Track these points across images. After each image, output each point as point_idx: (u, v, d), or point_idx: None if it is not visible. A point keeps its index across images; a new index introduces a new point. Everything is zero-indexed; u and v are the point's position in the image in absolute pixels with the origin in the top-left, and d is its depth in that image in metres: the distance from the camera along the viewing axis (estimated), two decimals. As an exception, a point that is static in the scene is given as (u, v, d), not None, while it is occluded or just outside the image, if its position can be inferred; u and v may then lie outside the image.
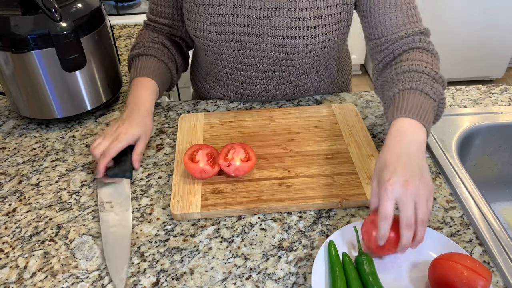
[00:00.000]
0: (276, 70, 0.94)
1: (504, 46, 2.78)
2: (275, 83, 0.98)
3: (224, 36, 0.88)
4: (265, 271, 0.66)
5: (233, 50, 0.91)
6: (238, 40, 0.88)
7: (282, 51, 0.88)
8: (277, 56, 0.89)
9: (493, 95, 1.06)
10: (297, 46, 0.86)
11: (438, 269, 0.60)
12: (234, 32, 0.87)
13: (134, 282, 0.65)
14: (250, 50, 0.90)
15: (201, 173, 0.78)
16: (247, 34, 0.87)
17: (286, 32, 0.85)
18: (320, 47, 0.88)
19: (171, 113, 1.01)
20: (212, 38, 0.89)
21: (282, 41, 0.86)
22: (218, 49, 0.92)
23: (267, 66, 0.93)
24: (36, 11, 0.84)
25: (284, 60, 0.90)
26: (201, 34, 0.90)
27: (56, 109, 0.94)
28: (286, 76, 0.96)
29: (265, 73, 0.95)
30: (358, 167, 0.81)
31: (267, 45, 0.88)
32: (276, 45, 0.87)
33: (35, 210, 0.77)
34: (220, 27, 0.87)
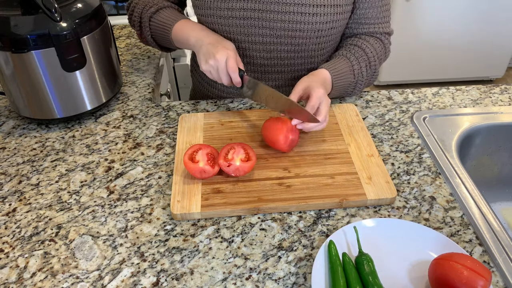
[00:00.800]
0: (282, 50, 0.96)
1: (504, 46, 2.78)
2: (279, 65, 0.99)
3: (235, 13, 0.90)
4: (265, 271, 0.66)
5: (241, 28, 0.92)
6: (248, 16, 0.90)
7: (290, 28, 0.90)
8: (285, 33, 0.92)
9: (493, 95, 1.06)
10: (306, 23, 0.89)
11: (438, 269, 0.60)
12: (245, 8, 0.89)
13: (134, 282, 0.65)
14: (259, 27, 0.92)
15: (201, 173, 0.78)
16: (257, 10, 0.89)
17: (296, 8, 0.88)
18: (327, 27, 0.91)
19: (171, 113, 1.01)
20: (222, 15, 0.91)
21: (292, 17, 0.89)
22: (226, 26, 0.93)
23: (273, 45, 0.95)
24: (36, 11, 0.84)
25: (291, 38, 0.92)
26: (210, 12, 0.91)
27: (56, 109, 0.94)
28: (291, 57, 0.98)
29: (271, 53, 0.97)
30: (358, 167, 0.81)
31: (276, 21, 0.90)
32: (286, 21, 0.89)
33: (35, 210, 0.77)
34: (231, 3, 0.89)
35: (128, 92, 1.10)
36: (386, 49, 1.01)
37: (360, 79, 0.96)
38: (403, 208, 0.76)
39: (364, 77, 0.96)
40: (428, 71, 2.87)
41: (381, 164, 0.82)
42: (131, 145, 0.91)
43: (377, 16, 0.97)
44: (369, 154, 0.84)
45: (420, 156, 0.87)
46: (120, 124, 0.98)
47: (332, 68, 0.91)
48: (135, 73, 1.18)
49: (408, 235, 0.68)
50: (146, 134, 0.94)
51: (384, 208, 0.76)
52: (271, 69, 1.00)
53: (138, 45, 1.32)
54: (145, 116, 1.00)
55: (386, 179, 0.78)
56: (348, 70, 0.93)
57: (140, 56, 1.26)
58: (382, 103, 1.03)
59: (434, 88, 1.09)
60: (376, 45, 0.98)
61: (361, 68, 0.95)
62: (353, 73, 0.94)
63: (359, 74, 0.95)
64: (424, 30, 2.65)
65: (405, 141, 0.91)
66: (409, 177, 0.82)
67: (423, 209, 0.76)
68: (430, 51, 2.76)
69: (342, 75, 0.92)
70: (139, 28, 1.01)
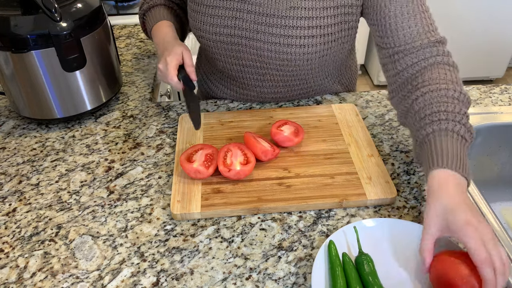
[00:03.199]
0: (274, 74, 0.94)
1: (504, 46, 2.78)
2: (274, 86, 0.98)
3: (222, 38, 0.89)
4: (265, 271, 0.66)
5: (231, 52, 0.91)
6: (236, 42, 0.89)
7: (279, 58, 0.88)
8: (274, 62, 0.90)
9: (493, 95, 1.06)
10: (294, 54, 0.86)
11: (439, 266, 0.60)
12: (232, 34, 0.88)
13: (134, 282, 0.65)
14: (248, 54, 0.90)
15: (195, 173, 0.78)
16: (245, 38, 0.87)
17: (283, 40, 0.84)
18: (317, 56, 0.87)
19: (171, 113, 1.01)
20: (211, 38, 0.90)
21: (279, 48, 0.86)
22: (217, 49, 0.92)
23: (265, 69, 0.93)
24: (36, 11, 0.84)
25: (281, 66, 0.90)
26: (201, 33, 0.91)
27: (56, 109, 0.94)
28: (285, 80, 0.96)
29: (264, 76, 0.95)
30: (358, 167, 0.81)
31: (264, 51, 0.88)
32: (273, 51, 0.87)
33: (35, 210, 0.77)
34: (219, 28, 0.88)
35: (128, 92, 1.10)
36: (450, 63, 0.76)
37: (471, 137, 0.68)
38: (403, 208, 0.76)
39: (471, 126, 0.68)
40: (428, 71, 2.87)
41: (381, 164, 0.82)
42: (131, 145, 0.91)
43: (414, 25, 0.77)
44: (369, 154, 0.84)
45: (420, 156, 0.87)
46: (120, 124, 0.98)
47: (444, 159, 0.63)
48: (135, 73, 1.18)
49: (408, 235, 0.68)
50: (146, 134, 0.94)
51: (384, 208, 0.76)
52: (266, 90, 0.99)
53: (138, 45, 1.32)
54: (145, 116, 1.00)
55: (386, 179, 0.78)
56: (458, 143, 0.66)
57: (140, 56, 1.26)
58: (382, 103, 1.03)
59: (434, 88, 1.09)
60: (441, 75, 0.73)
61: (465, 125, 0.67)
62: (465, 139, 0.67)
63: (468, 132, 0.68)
64: (424, 30, 2.65)
65: (405, 141, 0.91)
66: (409, 177, 0.82)
67: (423, 209, 0.76)
68: (430, 51, 2.75)
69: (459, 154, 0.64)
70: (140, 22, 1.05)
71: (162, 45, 0.92)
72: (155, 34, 0.96)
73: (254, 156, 0.81)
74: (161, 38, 0.93)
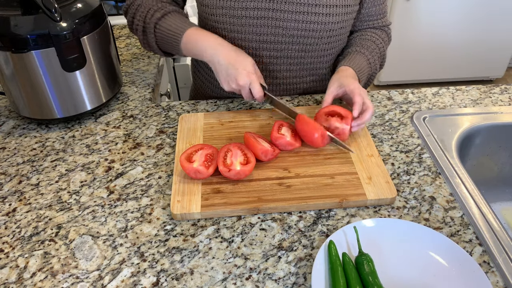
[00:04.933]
0: (292, 49, 0.97)
1: (504, 46, 2.78)
2: (288, 63, 1.00)
3: (249, 12, 0.90)
4: (265, 271, 0.66)
5: (254, 27, 0.93)
6: (262, 16, 0.91)
7: (304, 28, 0.92)
8: (297, 33, 0.93)
9: (493, 95, 1.06)
10: (319, 23, 0.91)
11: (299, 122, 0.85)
12: (259, 7, 0.90)
13: (134, 282, 0.65)
14: (272, 27, 0.92)
15: (195, 173, 0.78)
16: (272, 10, 0.90)
17: (310, 9, 0.89)
18: (338, 27, 0.94)
19: (171, 113, 1.01)
20: (236, 14, 0.91)
21: (305, 17, 0.90)
22: (238, 26, 0.93)
23: (284, 44, 0.96)
24: (36, 11, 0.84)
25: (303, 38, 0.94)
26: (223, 11, 0.91)
27: (56, 109, 0.94)
28: (300, 56, 0.99)
29: (281, 52, 0.97)
30: (358, 167, 0.81)
31: (290, 21, 0.91)
32: (299, 21, 0.90)
33: (35, 210, 0.77)
34: (245, 2, 0.90)
35: (128, 92, 1.10)
36: (389, 37, 1.09)
37: (375, 70, 1.03)
38: (403, 208, 0.76)
39: (377, 67, 1.04)
40: (428, 71, 2.87)
41: (381, 164, 0.82)
42: (131, 145, 0.91)
43: (379, 13, 1.04)
44: (369, 154, 0.84)
45: (420, 156, 0.87)
46: (120, 124, 0.98)
47: (353, 64, 0.95)
48: (135, 73, 1.18)
49: (408, 235, 0.68)
50: (146, 134, 0.94)
51: (384, 208, 0.76)
52: (279, 67, 1.01)
53: (138, 45, 1.32)
54: (145, 116, 1.00)
55: (386, 179, 0.78)
56: (365, 63, 0.98)
57: (140, 56, 1.26)
58: (382, 103, 1.03)
59: (434, 88, 1.09)
60: (383, 36, 1.06)
61: (375, 60, 1.01)
62: (370, 66, 1.00)
63: (374, 65, 1.01)
64: (424, 30, 2.65)
65: (405, 141, 0.91)
66: (409, 177, 0.82)
67: (423, 209, 0.76)
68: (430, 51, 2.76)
69: (363, 69, 0.97)
70: (143, 33, 0.96)
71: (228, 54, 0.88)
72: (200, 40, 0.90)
73: (254, 156, 0.81)
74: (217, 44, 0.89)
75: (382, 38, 1.05)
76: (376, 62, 1.03)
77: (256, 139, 0.83)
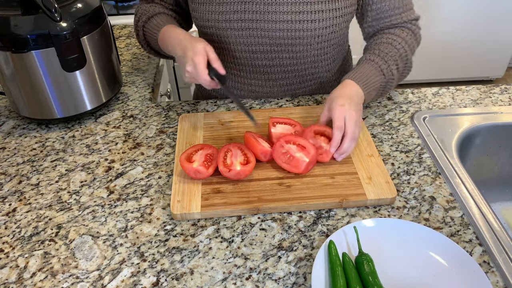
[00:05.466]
0: (284, 57, 0.95)
1: (504, 46, 2.78)
2: (282, 71, 0.99)
3: (233, 24, 0.89)
4: (265, 271, 0.66)
5: (241, 38, 0.92)
6: (247, 27, 0.90)
7: (290, 36, 0.89)
8: (285, 41, 0.91)
9: (493, 95, 1.06)
10: (305, 30, 0.88)
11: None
12: (243, 19, 0.89)
13: (134, 282, 0.65)
14: (259, 37, 0.91)
15: (195, 173, 0.78)
16: (256, 21, 0.88)
17: (295, 16, 0.86)
18: (328, 32, 0.90)
19: (171, 113, 1.01)
20: (221, 27, 0.90)
21: (291, 26, 0.88)
22: (226, 38, 0.93)
23: (275, 53, 0.94)
24: (36, 11, 0.84)
25: (292, 46, 0.92)
26: (209, 24, 0.91)
27: (56, 109, 0.94)
28: (294, 63, 0.97)
29: (273, 60, 0.96)
30: (358, 167, 0.81)
31: (275, 31, 0.89)
32: (285, 30, 0.88)
33: (35, 210, 0.77)
34: (229, 15, 0.88)
35: (128, 92, 1.10)
36: (416, 35, 0.96)
37: (391, 78, 0.91)
38: (403, 208, 0.76)
39: (395, 73, 0.91)
40: (428, 71, 2.87)
41: (381, 164, 0.82)
42: (131, 145, 0.91)
43: (396, 6, 0.92)
44: (369, 154, 0.84)
45: (420, 156, 0.87)
46: (120, 124, 0.98)
47: (356, 75, 0.86)
48: (135, 73, 1.18)
49: (408, 235, 0.68)
50: (146, 134, 0.94)
51: (384, 208, 0.76)
52: (274, 76, 1.00)
53: (138, 45, 1.32)
54: (145, 116, 1.00)
55: (386, 179, 0.78)
56: (375, 72, 0.88)
57: (140, 56, 1.26)
58: (382, 103, 1.03)
59: (434, 88, 1.09)
60: (404, 35, 0.93)
61: (389, 66, 0.89)
62: (382, 73, 0.89)
63: (389, 72, 0.90)
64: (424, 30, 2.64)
65: (405, 141, 0.91)
66: (409, 177, 0.82)
67: (423, 209, 0.76)
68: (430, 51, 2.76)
69: (370, 78, 0.87)
70: (137, 36, 1.02)
71: (180, 45, 0.86)
72: (165, 38, 0.91)
73: (254, 156, 0.81)
74: (176, 39, 0.87)
75: (403, 37, 0.92)
76: (392, 68, 0.90)
77: (256, 139, 0.83)
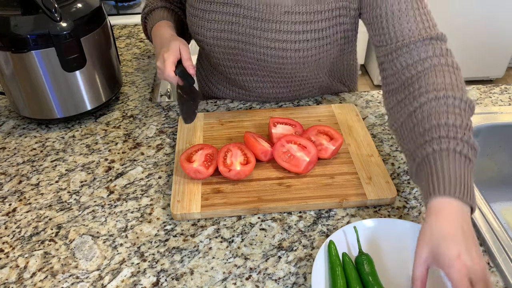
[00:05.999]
0: (274, 76, 0.95)
1: (504, 46, 2.78)
2: (275, 87, 0.99)
3: (220, 42, 0.90)
4: (265, 271, 0.66)
5: (230, 56, 0.92)
6: (234, 47, 0.89)
7: (275, 62, 0.88)
8: (271, 65, 0.90)
9: (493, 95, 1.06)
10: (289, 58, 0.86)
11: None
12: (230, 39, 0.88)
13: (134, 282, 0.65)
14: (246, 57, 0.91)
15: (195, 173, 0.78)
16: (242, 42, 0.88)
17: (279, 45, 0.85)
18: (313, 60, 0.88)
19: (171, 113, 1.01)
20: (209, 42, 0.91)
21: (275, 53, 0.86)
22: (215, 53, 0.93)
23: (264, 71, 0.94)
24: (36, 11, 0.84)
25: (279, 69, 0.91)
26: (199, 37, 0.92)
27: (56, 109, 0.94)
28: (286, 81, 0.97)
29: (264, 77, 0.96)
30: (358, 167, 0.81)
31: (261, 55, 0.88)
32: (269, 55, 0.87)
33: (35, 210, 0.77)
34: (216, 33, 0.88)
35: (128, 92, 1.10)
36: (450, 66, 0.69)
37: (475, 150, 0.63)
38: (403, 208, 0.76)
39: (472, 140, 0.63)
40: (428, 71, 2.87)
41: (381, 164, 0.82)
42: (131, 145, 0.91)
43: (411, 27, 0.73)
44: (369, 154, 0.84)
45: (420, 156, 0.87)
46: (120, 124, 0.98)
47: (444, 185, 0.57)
48: (135, 73, 1.18)
49: (408, 235, 0.68)
50: (146, 134, 0.94)
51: (384, 208, 0.76)
52: (268, 91, 1.00)
53: (138, 45, 1.32)
54: (145, 116, 1.00)
55: (386, 179, 0.78)
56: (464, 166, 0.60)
57: (140, 56, 1.26)
58: (382, 103, 1.03)
59: (434, 88, 1.09)
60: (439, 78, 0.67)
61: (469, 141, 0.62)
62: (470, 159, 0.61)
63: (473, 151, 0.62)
64: (424, 30, 2.65)
65: (405, 141, 0.91)
66: (409, 177, 0.82)
67: (423, 209, 0.75)
68: (430, 51, 2.75)
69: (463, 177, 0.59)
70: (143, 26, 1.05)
71: (160, 43, 0.90)
72: (154, 34, 0.95)
73: (254, 156, 0.81)
74: (159, 37, 0.92)
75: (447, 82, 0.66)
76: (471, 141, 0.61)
77: (256, 139, 0.83)
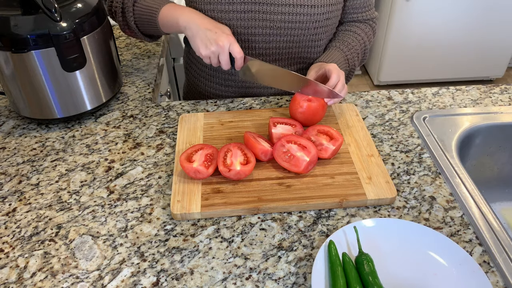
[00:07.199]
0: (280, 41, 0.99)
1: (504, 46, 2.78)
2: (276, 54, 1.02)
3: (236, 6, 0.92)
4: (265, 271, 0.66)
5: (242, 21, 0.94)
6: (249, 9, 0.93)
7: (290, 20, 0.94)
8: (284, 25, 0.95)
9: (493, 95, 1.06)
10: (304, 14, 0.93)
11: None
12: (246, 1, 0.92)
13: (134, 282, 0.65)
14: (259, 20, 0.94)
15: (195, 173, 0.78)
16: (258, 3, 0.92)
17: (296, 1, 0.92)
18: (324, 18, 0.96)
19: (171, 113, 1.01)
20: (223, 9, 0.93)
21: (291, 9, 0.92)
22: (227, 20, 0.94)
23: (272, 36, 0.98)
24: (36, 11, 0.84)
25: (290, 29, 0.96)
26: (210, 7, 0.93)
27: (56, 109, 0.94)
28: (289, 47, 1.00)
29: (269, 43, 0.99)
30: (358, 167, 0.81)
31: (276, 14, 0.93)
32: (285, 13, 0.93)
33: (35, 210, 0.77)
34: None
35: (128, 92, 1.10)
36: (374, 31, 1.11)
37: (353, 67, 1.05)
38: (403, 208, 0.76)
39: (356, 64, 1.06)
40: (428, 71, 2.87)
41: (381, 164, 0.82)
42: (131, 145, 0.91)
43: (363, 5, 1.06)
44: (369, 154, 0.84)
45: (420, 156, 0.87)
46: (120, 124, 0.98)
47: (329, 60, 0.97)
48: (135, 73, 1.18)
49: (408, 235, 0.68)
50: (146, 134, 0.95)
51: (384, 208, 0.76)
52: (268, 58, 1.03)
53: (138, 45, 1.32)
54: (145, 116, 1.00)
55: (386, 179, 0.78)
56: (343, 61, 1.00)
57: (140, 56, 1.26)
58: (382, 103, 1.03)
59: (434, 88, 1.09)
60: (367, 29, 1.08)
61: (353, 57, 1.03)
62: (347, 63, 1.02)
63: (352, 62, 1.03)
64: (424, 30, 2.65)
65: (405, 141, 0.91)
66: (409, 177, 0.82)
67: (423, 209, 0.76)
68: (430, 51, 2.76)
69: (338, 64, 0.98)
70: (122, 15, 0.98)
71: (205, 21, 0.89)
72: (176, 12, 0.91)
73: (254, 156, 0.81)
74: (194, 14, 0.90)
75: (366, 32, 1.07)
76: (355, 59, 1.04)
77: (256, 139, 0.83)
